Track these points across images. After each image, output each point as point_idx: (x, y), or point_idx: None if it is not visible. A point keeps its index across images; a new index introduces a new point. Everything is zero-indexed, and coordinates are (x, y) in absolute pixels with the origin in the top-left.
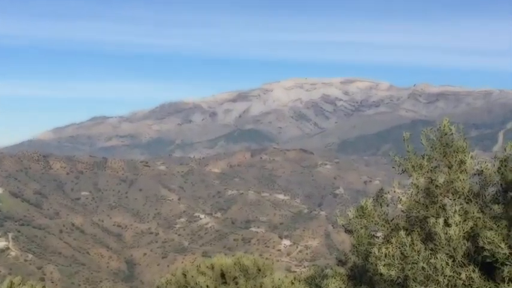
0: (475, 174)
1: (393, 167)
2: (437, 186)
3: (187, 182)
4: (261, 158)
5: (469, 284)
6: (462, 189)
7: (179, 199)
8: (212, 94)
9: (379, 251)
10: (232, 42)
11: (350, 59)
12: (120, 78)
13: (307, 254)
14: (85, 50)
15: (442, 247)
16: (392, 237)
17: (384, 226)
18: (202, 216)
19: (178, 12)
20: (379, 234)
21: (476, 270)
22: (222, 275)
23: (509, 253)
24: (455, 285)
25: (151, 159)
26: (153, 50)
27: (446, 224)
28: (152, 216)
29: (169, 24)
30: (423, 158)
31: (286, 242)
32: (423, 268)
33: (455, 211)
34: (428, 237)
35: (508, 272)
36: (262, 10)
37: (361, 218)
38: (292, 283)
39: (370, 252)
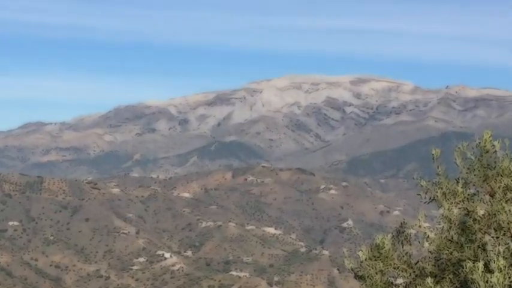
0: None
1: (418, 194)
2: (475, 219)
3: (148, 210)
4: (246, 179)
5: None
6: (508, 223)
7: (137, 232)
8: (183, 95)
9: None
10: (208, 28)
11: (363, 51)
12: (61, 73)
13: None
14: (13, 36)
15: None
16: (416, 286)
17: (406, 271)
18: (167, 255)
19: None
20: (399, 281)
21: None
22: None
23: None
24: None
25: (101, 180)
26: (104, 36)
27: (487, 269)
28: (102, 254)
29: (125, 1)
30: (457, 182)
31: None
32: None
33: (499, 253)
34: (464, 287)
35: None
36: None
37: (376, 260)
38: None
39: None
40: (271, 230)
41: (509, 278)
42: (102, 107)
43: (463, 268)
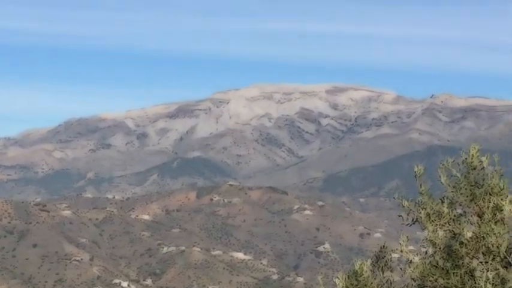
0: None
1: (400, 216)
2: (462, 243)
3: (103, 234)
4: (212, 199)
5: None
6: (498, 247)
7: (91, 259)
8: (141, 107)
9: None
10: (170, 33)
11: (340, 57)
12: (4, 82)
13: None
14: None
15: None
16: None
17: None
18: (124, 284)
19: None
20: None
21: None
22: None
23: None
24: None
25: (51, 201)
26: (53, 41)
27: None
28: (51, 284)
29: (76, 4)
30: (443, 202)
31: None
32: None
33: (488, 279)
34: None
35: None
36: None
37: None
38: None
39: None
40: (239, 255)
41: None
42: (51, 120)
43: None
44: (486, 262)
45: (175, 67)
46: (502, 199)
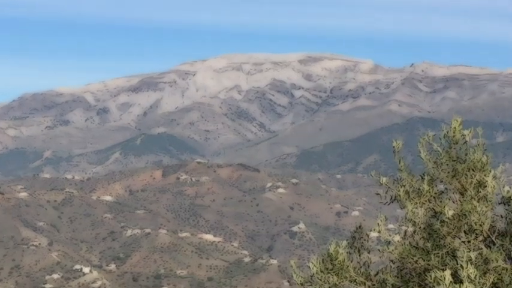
0: (500, 203)
1: (377, 194)
2: (443, 221)
3: (62, 217)
4: (178, 178)
5: None
6: (481, 225)
7: (50, 244)
8: (101, 80)
9: None
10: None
11: (313, 24)
12: None
13: None
14: None
15: None
16: None
17: (364, 284)
18: (86, 270)
19: None
20: None
21: None
22: None
23: None
24: None
25: (5, 183)
26: (5, 10)
27: (457, 279)
28: (7, 271)
29: None
30: (423, 179)
31: None
32: None
33: (470, 259)
34: None
35: None
36: None
37: (329, 272)
38: None
39: None
40: (209, 237)
41: None
42: (4, 95)
43: (429, 278)
44: (468, 241)
45: (137, 37)
46: (485, 175)
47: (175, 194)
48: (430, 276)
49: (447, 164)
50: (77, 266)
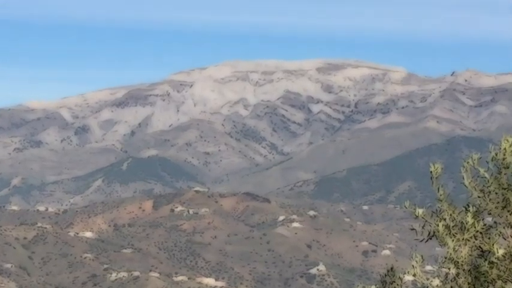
0: None
1: (412, 228)
2: (492, 262)
3: (34, 258)
4: (173, 210)
5: None
6: None
7: None
8: (80, 93)
9: None
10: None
11: (334, 26)
12: None
13: None
14: None
15: None
16: None
17: None
18: None
19: None
20: None
21: None
22: None
23: None
24: None
25: None
26: None
27: None
28: None
29: None
30: (467, 211)
31: None
32: None
33: None
34: None
35: None
36: None
37: None
38: None
39: None
40: (210, 282)
41: None
42: None
43: None
44: None
45: (123, 41)
46: None
47: (169, 230)
48: None
49: (496, 193)
50: None
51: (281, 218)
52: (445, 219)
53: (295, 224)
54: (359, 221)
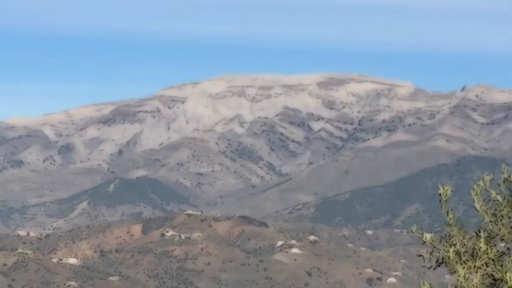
0: None
1: (420, 255)
2: None
3: (14, 286)
4: (163, 235)
5: None
6: None
7: None
8: (64, 109)
9: None
10: (98, 5)
11: (337, 38)
12: None
13: None
14: None
15: None
16: None
17: None
18: None
19: None
20: None
21: None
22: None
23: None
24: None
25: None
26: None
27: None
28: None
29: None
30: (478, 236)
31: None
32: None
33: None
34: None
35: None
36: None
37: None
38: None
39: None
40: None
41: None
42: None
43: None
44: None
45: (110, 53)
46: None
47: (159, 256)
48: None
49: (509, 217)
50: None
51: (279, 243)
52: (455, 245)
53: (295, 250)
54: (363, 247)
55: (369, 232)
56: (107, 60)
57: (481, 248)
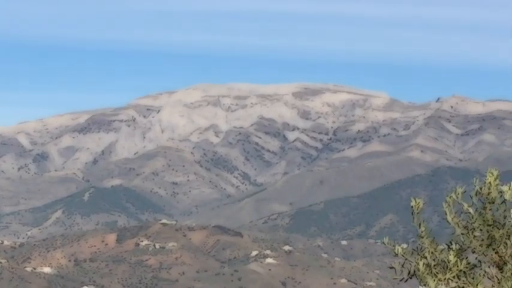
0: None
1: (391, 267)
2: None
3: None
4: (138, 244)
5: None
6: None
7: None
8: (39, 117)
9: None
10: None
11: (312, 48)
12: None
13: None
14: None
15: None
16: None
17: None
18: None
19: None
20: None
21: None
22: None
23: None
24: None
25: None
26: None
27: None
28: None
29: None
30: (449, 248)
31: None
32: None
33: None
34: None
35: None
36: None
37: None
38: None
39: None
40: None
41: None
42: None
43: None
44: None
45: (85, 61)
46: None
47: (133, 265)
48: None
49: (481, 230)
50: None
51: (254, 253)
52: (426, 258)
53: (269, 260)
54: (337, 257)
55: (344, 242)
56: (82, 69)
57: (451, 260)
